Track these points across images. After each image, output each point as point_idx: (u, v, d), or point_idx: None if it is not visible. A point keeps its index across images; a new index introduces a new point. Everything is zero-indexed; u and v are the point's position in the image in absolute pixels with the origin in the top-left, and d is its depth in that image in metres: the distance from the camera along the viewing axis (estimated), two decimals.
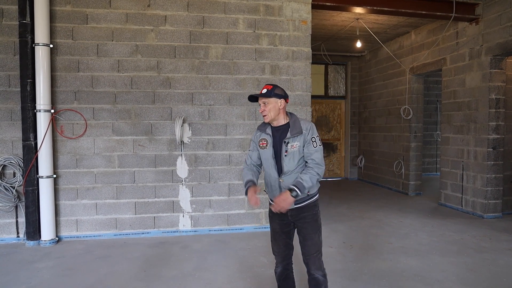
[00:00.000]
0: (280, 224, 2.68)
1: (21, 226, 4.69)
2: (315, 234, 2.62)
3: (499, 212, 5.86)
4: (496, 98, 5.71)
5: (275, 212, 2.58)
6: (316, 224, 2.63)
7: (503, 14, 5.46)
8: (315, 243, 2.62)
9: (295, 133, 2.52)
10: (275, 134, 2.61)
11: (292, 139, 2.52)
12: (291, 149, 2.52)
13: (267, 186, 2.68)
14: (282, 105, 2.57)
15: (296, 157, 2.52)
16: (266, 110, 2.55)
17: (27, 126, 4.48)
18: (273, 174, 2.59)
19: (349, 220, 5.74)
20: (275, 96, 2.55)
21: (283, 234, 2.70)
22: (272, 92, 2.55)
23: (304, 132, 2.52)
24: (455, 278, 3.59)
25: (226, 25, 4.99)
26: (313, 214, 2.62)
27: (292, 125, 2.56)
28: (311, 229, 2.62)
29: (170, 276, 3.63)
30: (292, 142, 2.52)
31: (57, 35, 4.64)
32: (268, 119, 2.56)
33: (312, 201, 2.62)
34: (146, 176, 4.92)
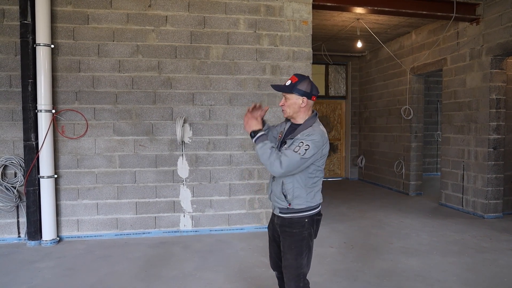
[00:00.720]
0: (271, 230, 2.46)
1: (22, 226, 4.69)
2: (292, 255, 2.25)
3: (500, 212, 5.86)
4: (497, 98, 5.71)
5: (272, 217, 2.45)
6: (295, 245, 2.25)
7: (503, 14, 5.46)
8: (290, 266, 2.26)
9: (291, 137, 2.25)
10: (289, 131, 2.36)
11: (288, 141, 2.25)
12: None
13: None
14: (304, 103, 2.25)
15: None
16: (285, 105, 2.30)
17: (28, 126, 4.48)
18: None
19: (349, 220, 5.75)
20: (297, 93, 2.24)
21: (274, 242, 2.45)
22: (294, 87, 2.24)
23: (298, 137, 2.20)
24: (456, 278, 3.59)
25: (227, 25, 5.00)
26: (293, 232, 2.26)
27: (300, 127, 2.27)
28: (287, 248, 2.27)
29: (171, 276, 3.63)
30: (287, 145, 2.24)
31: (58, 35, 4.65)
32: (285, 114, 2.33)
33: (297, 217, 2.27)
34: (147, 176, 4.93)
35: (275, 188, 2.32)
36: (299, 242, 2.27)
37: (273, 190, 2.36)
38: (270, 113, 5.12)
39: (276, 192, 2.31)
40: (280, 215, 2.33)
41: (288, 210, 2.28)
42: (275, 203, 2.36)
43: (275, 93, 5.14)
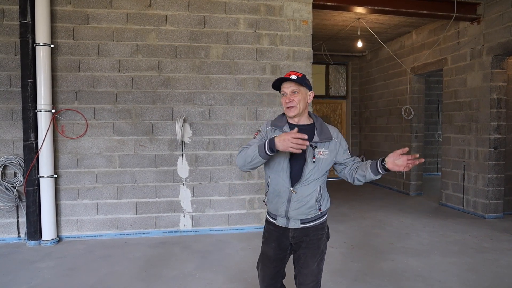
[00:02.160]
0: (276, 248, 2.21)
1: (22, 226, 4.69)
2: (314, 262, 2.16)
3: (501, 212, 5.84)
4: (498, 98, 5.70)
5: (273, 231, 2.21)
6: (317, 251, 2.17)
7: (504, 13, 5.45)
8: (312, 273, 2.16)
9: (324, 138, 2.10)
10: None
11: (320, 144, 2.09)
12: (318, 155, 2.08)
13: (272, 197, 2.18)
14: (310, 98, 2.14)
15: (322, 166, 2.11)
16: (295, 100, 2.06)
17: (28, 126, 4.48)
18: (284, 183, 2.10)
19: (350, 220, 5.74)
20: (306, 86, 2.10)
21: (276, 261, 2.24)
22: (304, 80, 2.08)
23: (334, 140, 2.13)
24: (456, 278, 3.58)
25: (226, 25, 4.99)
26: (317, 238, 2.18)
27: (319, 128, 2.13)
28: (310, 256, 2.16)
29: (171, 276, 3.63)
30: (320, 148, 2.09)
31: (58, 35, 4.64)
32: (295, 111, 2.08)
33: (320, 222, 2.20)
34: (147, 176, 4.92)
35: (306, 198, 2.10)
36: (321, 247, 2.19)
37: (299, 201, 2.11)
38: (270, 113, 5.12)
39: (307, 202, 2.11)
40: (302, 226, 2.15)
41: (317, 216, 2.17)
42: (298, 216, 2.13)
43: (275, 93, 5.13)
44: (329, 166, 2.15)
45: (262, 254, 2.30)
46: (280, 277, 2.30)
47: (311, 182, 2.10)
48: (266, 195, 2.23)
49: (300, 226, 2.14)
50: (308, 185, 2.09)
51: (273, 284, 2.29)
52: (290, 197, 2.10)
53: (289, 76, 2.06)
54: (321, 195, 2.16)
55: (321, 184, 2.15)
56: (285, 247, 2.21)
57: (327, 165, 2.14)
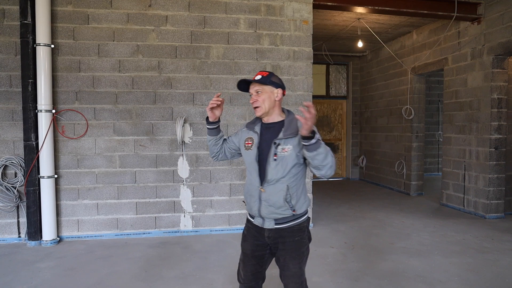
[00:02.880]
0: (254, 245, 2.20)
1: (23, 226, 4.69)
2: (295, 264, 2.12)
3: (502, 213, 5.83)
4: (498, 98, 5.69)
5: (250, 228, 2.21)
6: (297, 253, 2.12)
7: (505, 13, 5.44)
8: (293, 275, 2.13)
9: (289, 134, 2.04)
10: (264, 132, 2.15)
11: (285, 140, 2.04)
12: (281, 152, 2.04)
13: (246, 196, 2.22)
14: (278, 96, 2.11)
15: (288, 163, 2.04)
16: (259, 100, 2.08)
17: (28, 126, 4.48)
18: (255, 182, 2.13)
19: (350, 220, 5.73)
20: (272, 84, 2.09)
21: (254, 259, 2.20)
22: (268, 79, 2.08)
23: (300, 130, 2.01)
24: (457, 278, 3.58)
25: (227, 25, 4.99)
26: (295, 240, 2.11)
27: (287, 124, 2.08)
28: (289, 258, 2.11)
29: (171, 276, 3.62)
30: (284, 145, 2.03)
31: (58, 35, 4.64)
32: (261, 111, 2.09)
33: (297, 224, 2.12)
34: (147, 176, 4.92)
35: (273, 197, 2.07)
36: (301, 249, 2.13)
37: (267, 200, 2.09)
38: None
39: (276, 202, 2.07)
40: (276, 227, 2.11)
41: (291, 218, 2.10)
42: (270, 215, 2.10)
43: None
44: (295, 161, 2.04)
45: (242, 252, 2.29)
46: (260, 279, 2.26)
47: (277, 181, 2.06)
48: (244, 195, 2.29)
49: (275, 227, 2.11)
50: (275, 185, 2.06)
51: (252, 282, 2.24)
52: (260, 196, 2.10)
53: (255, 77, 2.11)
54: (290, 196, 2.06)
55: (289, 184, 2.06)
56: (263, 245, 2.19)
57: (292, 162, 2.04)
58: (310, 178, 5.27)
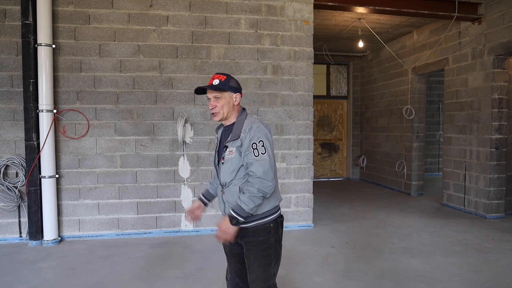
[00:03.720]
0: (231, 245, 2.19)
1: (24, 226, 4.70)
2: (259, 266, 2.07)
3: (502, 213, 5.83)
4: (499, 98, 5.70)
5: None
6: (262, 254, 2.06)
7: (506, 13, 5.44)
8: (258, 278, 2.07)
9: (234, 136, 2.04)
10: (223, 135, 2.18)
11: (231, 143, 2.04)
12: (228, 155, 2.04)
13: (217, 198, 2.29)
14: (237, 100, 2.10)
15: (234, 166, 2.04)
16: (218, 106, 2.05)
17: (29, 126, 4.49)
18: (217, 185, 2.21)
19: (351, 220, 5.73)
20: (230, 90, 2.06)
21: (233, 257, 2.21)
22: (226, 84, 2.04)
23: (241, 135, 2.01)
24: (458, 278, 3.58)
25: (228, 25, 4.99)
26: (260, 241, 2.06)
27: (235, 126, 2.07)
28: (253, 259, 2.07)
29: (172, 276, 3.63)
30: (231, 147, 2.04)
31: (59, 35, 4.65)
32: (219, 117, 2.08)
33: (261, 224, 2.06)
34: (148, 176, 4.93)
35: (230, 198, 2.08)
36: (267, 251, 2.08)
37: (226, 202, 2.11)
38: (271, 113, 5.11)
39: (232, 203, 2.05)
40: (240, 226, 2.06)
41: (253, 218, 2.05)
42: None
43: (276, 93, 5.13)
44: (240, 163, 2.04)
45: (224, 251, 2.30)
46: (244, 276, 2.21)
47: (229, 183, 2.07)
48: None
49: (240, 226, 2.06)
50: (229, 187, 2.08)
51: (235, 280, 2.23)
52: (223, 198, 2.14)
53: (212, 80, 2.06)
54: None
55: (241, 185, 2.04)
56: (238, 244, 2.16)
57: (238, 163, 2.03)
58: (311, 178, 5.28)
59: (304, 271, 3.74)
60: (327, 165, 9.94)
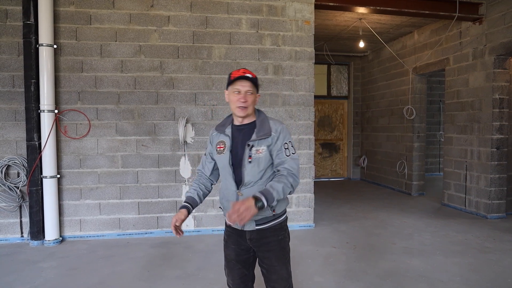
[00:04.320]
0: (236, 250, 2.14)
1: (25, 226, 4.70)
2: (282, 265, 2.08)
3: (503, 213, 5.83)
4: (500, 98, 5.70)
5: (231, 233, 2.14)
6: (282, 253, 2.09)
7: (507, 13, 5.44)
8: (281, 278, 2.08)
9: (262, 135, 2.01)
10: (236, 134, 2.10)
11: (258, 142, 2.01)
12: (256, 154, 2.00)
13: (222, 201, 2.16)
14: (257, 101, 2.11)
15: (262, 164, 2.01)
16: (249, 101, 2.02)
17: (31, 126, 4.50)
18: (230, 186, 2.07)
19: (352, 220, 5.74)
20: (257, 89, 2.10)
21: (239, 263, 2.16)
22: (257, 82, 2.07)
23: (273, 134, 2.02)
24: (459, 278, 3.58)
25: (229, 25, 5.00)
26: (279, 239, 2.08)
27: (259, 125, 2.05)
28: (275, 259, 2.07)
29: (174, 276, 3.63)
30: (258, 146, 2.01)
31: (61, 35, 4.66)
32: (245, 112, 2.03)
33: (278, 223, 2.08)
34: (149, 176, 4.93)
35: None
36: (285, 249, 2.11)
37: None
38: (272, 113, 5.11)
39: None
40: (258, 228, 2.05)
41: (271, 218, 2.05)
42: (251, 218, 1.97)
43: (277, 93, 5.13)
44: (269, 163, 2.03)
45: (225, 258, 2.22)
46: (249, 281, 2.22)
47: (254, 183, 2.01)
48: (219, 201, 2.21)
49: (256, 228, 2.05)
50: (252, 187, 2.01)
51: (242, 285, 2.20)
52: (238, 199, 2.01)
53: (244, 73, 2.01)
54: None
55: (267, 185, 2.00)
56: (246, 249, 2.13)
57: (267, 163, 2.02)
58: (312, 178, 5.28)
59: (305, 271, 3.74)
60: (328, 165, 9.94)
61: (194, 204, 2.19)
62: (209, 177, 2.28)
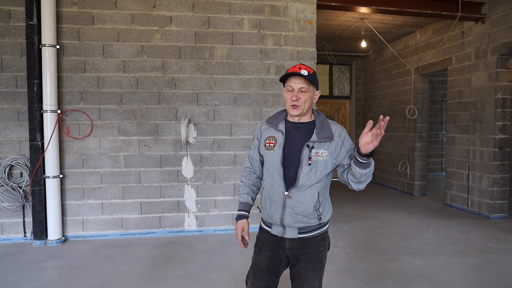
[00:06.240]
0: (270, 258, 1.99)
1: (28, 226, 4.72)
2: (316, 277, 1.94)
3: (506, 213, 5.82)
4: (503, 98, 5.68)
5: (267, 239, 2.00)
6: (320, 264, 1.96)
7: (509, 13, 5.43)
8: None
9: (324, 138, 1.87)
10: (292, 132, 1.93)
11: (319, 144, 1.87)
12: (315, 157, 1.86)
13: (265, 202, 2.00)
14: (316, 98, 1.95)
15: (320, 169, 1.87)
16: (302, 99, 1.86)
17: (34, 127, 4.51)
18: (277, 187, 1.91)
19: (354, 220, 5.73)
20: (315, 85, 1.91)
21: (269, 274, 2.00)
22: (314, 78, 1.88)
23: (336, 139, 1.90)
24: (462, 278, 3.58)
25: (231, 26, 5.00)
26: (319, 250, 1.96)
27: (319, 126, 1.90)
28: (312, 271, 1.93)
29: (176, 276, 3.64)
30: (318, 149, 1.86)
31: (63, 36, 4.67)
32: (298, 111, 1.88)
33: (321, 232, 1.97)
34: (152, 176, 4.94)
35: (302, 204, 1.88)
36: (323, 260, 1.99)
37: (293, 208, 1.89)
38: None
39: (305, 210, 1.89)
40: (300, 236, 1.92)
41: (316, 227, 1.94)
42: (294, 224, 1.92)
43: (279, 93, 5.13)
44: (329, 169, 1.91)
45: (253, 266, 2.06)
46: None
47: (308, 187, 1.88)
48: (261, 201, 2.05)
49: (298, 236, 1.93)
50: (305, 191, 1.88)
51: None
52: (285, 203, 1.89)
53: (299, 70, 1.84)
54: (319, 203, 1.91)
55: (320, 190, 1.91)
56: (280, 259, 1.99)
57: (327, 168, 1.89)
58: None
59: None
60: None
61: (249, 209, 2.12)
62: (259, 175, 2.12)
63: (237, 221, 2.06)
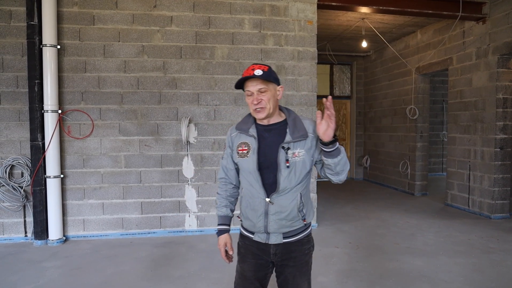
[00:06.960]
0: (255, 265, 1.91)
1: (29, 226, 4.73)
2: (304, 280, 1.89)
3: (507, 213, 5.81)
4: (504, 98, 5.67)
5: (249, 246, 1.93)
6: (306, 268, 1.90)
7: (510, 13, 5.42)
8: None
9: (298, 137, 1.78)
10: (264, 135, 1.84)
11: (294, 144, 1.77)
12: (293, 158, 1.76)
13: (245, 211, 1.92)
14: (280, 94, 1.83)
15: (299, 169, 1.79)
16: (264, 100, 1.76)
17: (34, 127, 4.52)
18: (258, 194, 1.82)
19: (355, 220, 5.73)
20: (275, 81, 1.79)
21: (256, 281, 1.92)
22: (271, 75, 1.76)
23: (310, 136, 1.79)
24: (462, 279, 3.57)
25: (231, 26, 5.00)
26: (305, 253, 1.88)
27: (292, 125, 1.81)
28: (299, 276, 1.87)
29: (177, 276, 3.64)
30: (294, 149, 1.77)
31: (64, 36, 4.67)
32: (265, 113, 1.78)
33: (305, 235, 1.89)
34: (152, 176, 4.94)
35: (286, 208, 1.81)
36: (309, 262, 1.92)
37: (277, 213, 1.81)
38: None
39: (289, 214, 1.82)
40: (285, 241, 1.85)
41: (301, 228, 1.88)
42: (280, 230, 1.84)
43: None
44: (308, 168, 1.81)
45: (239, 275, 1.97)
46: None
47: (290, 190, 1.79)
48: (241, 210, 1.96)
49: (283, 241, 1.85)
50: (287, 195, 1.79)
51: None
52: (267, 210, 1.81)
53: (253, 71, 1.73)
54: (303, 204, 1.83)
55: (302, 191, 1.83)
56: (266, 265, 1.91)
57: (306, 167, 1.80)
58: (315, 178, 5.28)
59: None
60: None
61: (230, 222, 2.06)
62: (236, 184, 2.04)
63: (219, 237, 2.00)
